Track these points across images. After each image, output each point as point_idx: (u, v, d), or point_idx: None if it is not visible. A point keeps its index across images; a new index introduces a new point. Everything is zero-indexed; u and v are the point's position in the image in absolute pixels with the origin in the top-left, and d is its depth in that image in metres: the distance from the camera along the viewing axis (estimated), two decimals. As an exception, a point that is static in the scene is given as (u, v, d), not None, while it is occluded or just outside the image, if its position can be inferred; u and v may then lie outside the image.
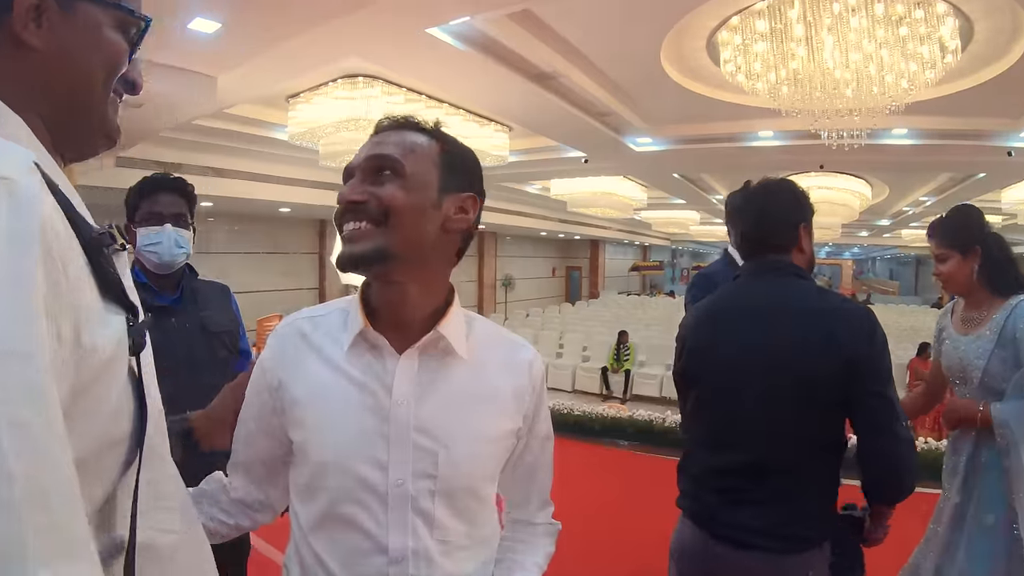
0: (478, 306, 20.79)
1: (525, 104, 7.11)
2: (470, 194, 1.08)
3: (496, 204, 16.15)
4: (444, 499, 1.03)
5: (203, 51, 5.51)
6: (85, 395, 0.57)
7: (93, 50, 0.72)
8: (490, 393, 1.09)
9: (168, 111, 6.92)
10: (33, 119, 0.67)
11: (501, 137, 9.31)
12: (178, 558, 0.74)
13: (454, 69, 6.16)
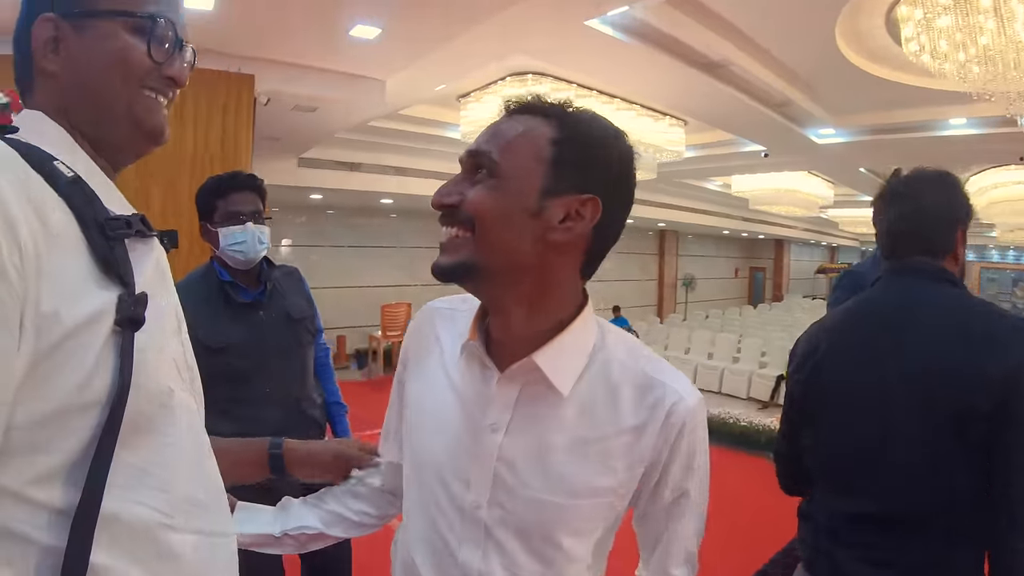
0: (658, 306, 20.55)
1: (695, 95, 6.97)
2: (590, 196, 0.88)
3: (676, 201, 15.90)
4: (517, 535, 0.94)
5: (368, 56, 5.98)
6: (47, 359, 0.64)
7: (105, 61, 0.79)
8: (591, 440, 0.93)
9: (341, 114, 7.55)
10: (73, 132, 0.79)
11: (677, 131, 9.21)
12: (178, 549, 0.75)
13: (618, 61, 6.16)
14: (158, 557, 0.73)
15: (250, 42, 5.72)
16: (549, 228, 0.87)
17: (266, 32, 5.46)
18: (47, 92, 0.79)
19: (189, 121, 5.86)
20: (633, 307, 18.48)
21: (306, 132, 8.29)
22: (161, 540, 0.73)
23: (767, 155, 9.57)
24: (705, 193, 15.49)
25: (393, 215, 14.61)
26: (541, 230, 0.87)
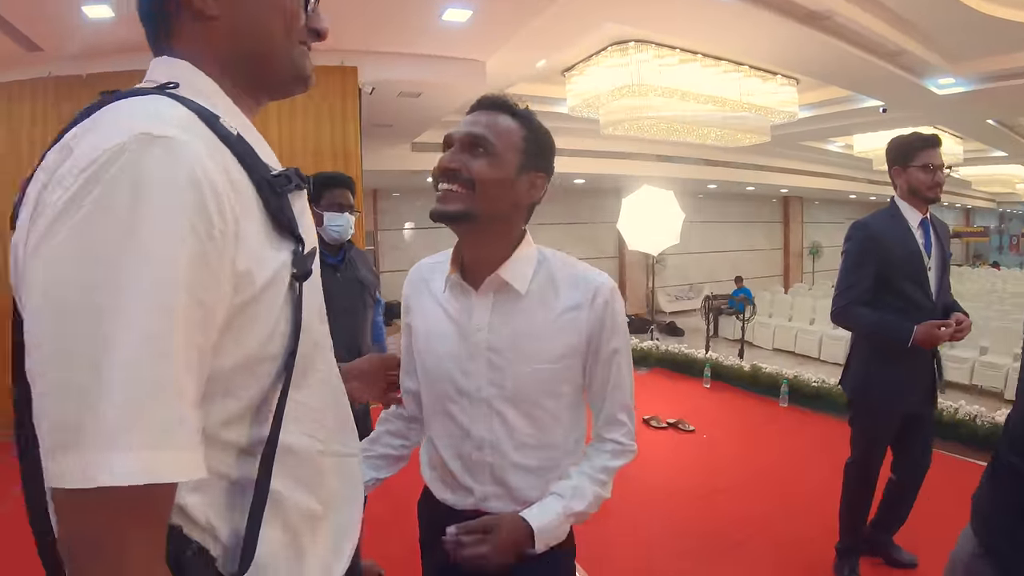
0: (784, 275, 19.85)
1: (801, 50, 6.72)
2: (542, 173, 1.32)
3: (796, 165, 15.29)
4: (512, 404, 1.32)
5: (463, 38, 6.16)
6: (241, 314, 0.69)
7: (267, 8, 0.82)
8: (548, 321, 1.31)
9: (445, 98, 7.75)
10: (222, 76, 0.81)
11: (788, 91, 8.91)
12: (318, 464, 0.86)
13: (715, 21, 6.06)
14: (314, 479, 0.85)
15: (350, 35, 6.04)
16: (518, 193, 1.29)
17: (363, 24, 5.75)
18: (202, 36, 0.80)
19: (299, 114, 6.27)
20: (758, 277, 17.96)
21: (415, 117, 8.61)
22: (317, 464, 0.85)
23: (885, 110, 9.09)
24: (827, 156, 14.76)
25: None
26: (514, 194, 1.28)
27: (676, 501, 3.94)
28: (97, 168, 0.60)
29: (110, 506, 0.58)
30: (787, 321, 11.84)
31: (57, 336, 0.58)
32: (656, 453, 4.82)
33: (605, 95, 8.00)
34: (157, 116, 0.66)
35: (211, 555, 0.71)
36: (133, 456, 0.57)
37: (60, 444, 0.57)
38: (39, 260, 0.61)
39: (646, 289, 15.98)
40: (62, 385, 0.57)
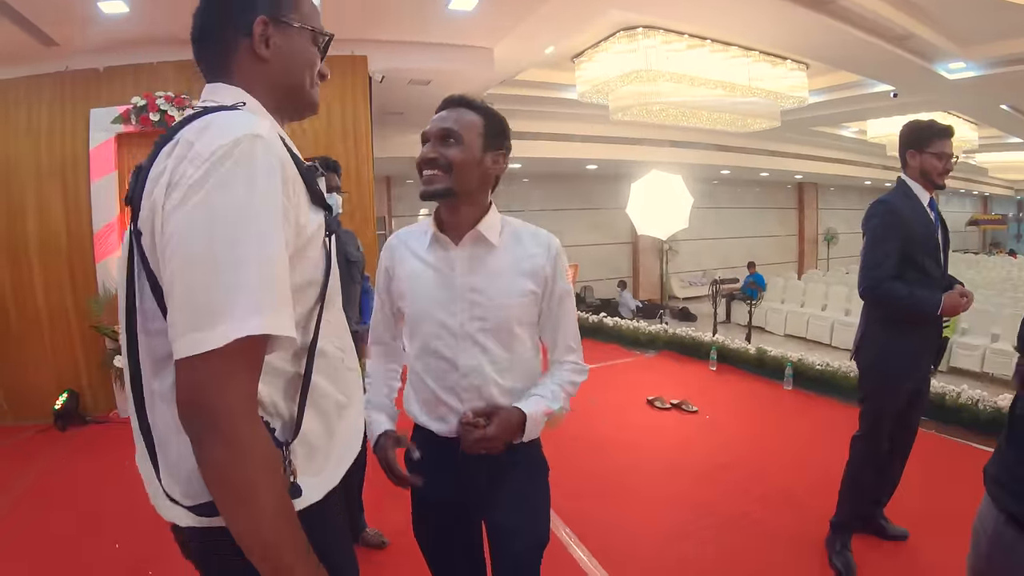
0: (798, 261, 19.77)
1: (806, 34, 6.72)
2: (502, 151, 1.66)
3: (810, 151, 15.22)
4: (491, 334, 1.63)
5: (471, 26, 6.25)
6: (301, 252, 1.05)
7: (300, 57, 1.18)
8: (515, 265, 1.65)
9: (455, 85, 7.72)
10: (267, 101, 1.14)
11: (798, 76, 8.89)
12: (341, 368, 1.20)
13: (719, 6, 6.12)
14: (339, 377, 1.19)
15: (358, 25, 6.14)
16: (485, 168, 1.62)
17: (371, 14, 5.85)
18: (255, 72, 1.14)
19: (311, 104, 6.36)
20: (772, 263, 17.91)
21: (426, 105, 8.59)
22: (339, 367, 1.19)
23: (896, 95, 9.02)
24: (841, 141, 14.67)
25: (525, 180, 15.01)
26: (482, 170, 1.62)
27: (678, 477, 4.03)
28: (222, 154, 0.92)
29: (230, 361, 0.89)
30: (799, 307, 11.83)
31: (209, 253, 0.89)
32: (659, 433, 4.94)
33: (614, 81, 8.02)
34: (255, 123, 0.98)
35: (271, 427, 1.02)
36: (261, 319, 0.89)
37: (202, 324, 0.87)
38: (180, 219, 0.91)
39: (659, 275, 16.03)
40: (211, 288, 0.88)
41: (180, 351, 0.89)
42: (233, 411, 0.89)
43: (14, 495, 4.29)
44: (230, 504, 0.91)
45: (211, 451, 0.89)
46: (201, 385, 0.88)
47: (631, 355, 8.01)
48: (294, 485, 1.02)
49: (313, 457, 1.10)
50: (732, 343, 7.05)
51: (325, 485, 1.13)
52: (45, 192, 6.06)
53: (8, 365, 6.17)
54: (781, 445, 4.56)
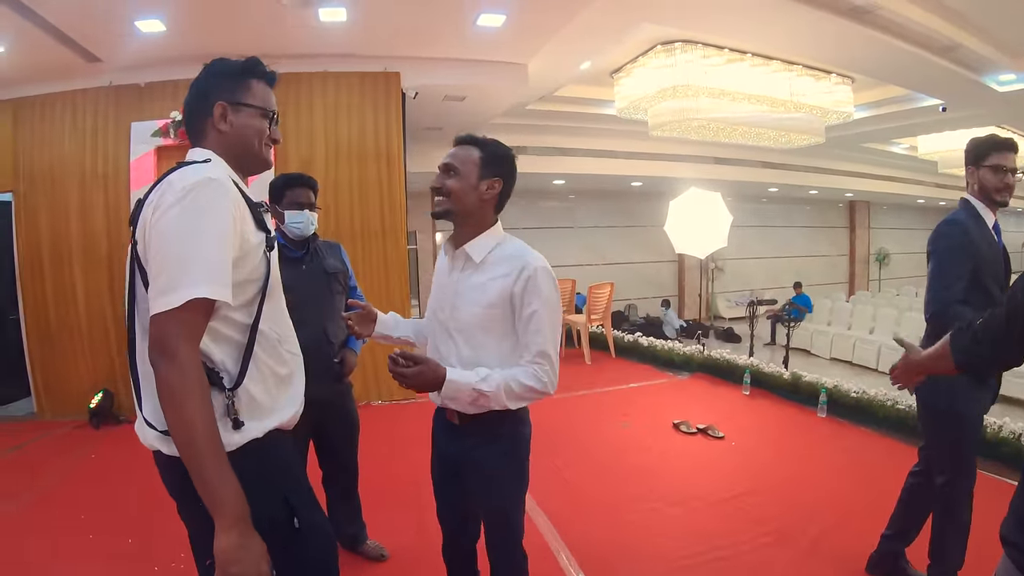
0: (849, 282, 19.22)
1: (847, 46, 6.53)
2: (497, 178, 1.97)
3: (860, 168, 14.81)
4: (460, 332, 1.99)
5: (501, 42, 6.23)
6: (244, 257, 1.45)
7: (250, 129, 1.59)
8: (486, 283, 1.95)
9: (490, 100, 7.87)
10: (228, 159, 1.56)
11: (843, 90, 8.64)
12: (278, 348, 1.58)
13: (755, 19, 5.98)
14: (277, 354, 1.58)
15: (390, 43, 6.21)
16: (481, 193, 1.96)
17: (402, 31, 5.90)
18: (218, 140, 1.57)
19: (344, 119, 6.49)
20: (821, 284, 17.47)
21: (463, 120, 8.71)
22: (278, 348, 1.58)
23: (945, 109, 8.67)
24: (892, 158, 14.22)
25: (571, 196, 14.96)
26: (479, 194, 1.96)
27: (692, 506, 3.90)
28: (189, 189, 1.36)
29: (183, 316, 1.30)
30: (846, 330, 11.44)
31: (174, 249, 1.33)
32: (680, 458, 4.78)
33: (652, 97, 7.90)
34: (213, 171, 1.43)
35: (220, 376, 1.43)
36: (206, 287, 1.31)
37: (168, 290, 1.30)
38: (160, 225, 1.35)
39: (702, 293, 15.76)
40: (175, 268, 1.31)
41: (153, 310, 1.32)
42: (180, 344, 1.29)
43: (43, 485, 4.55)
44: (170, 408, 1.29)
45: (162, 371, 1.29)
46: (162, 330, 1.30)
47: (664, 376, 7.86)
48: (236, 420, 1.42)
49: (254, 407, 1.48)
50: (767, 367, 6.85)
51: (264, 427, 1.49)
52: (88, 200, 6.32)
53: (48, 363, 6.46)
54: (805, 476, 4.38)
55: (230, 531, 1.28)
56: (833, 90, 8.55)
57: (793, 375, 6.41)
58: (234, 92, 1.58)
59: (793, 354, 7.82)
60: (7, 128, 6.31)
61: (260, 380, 1.51)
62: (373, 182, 6.60)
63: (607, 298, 9.42)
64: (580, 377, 7.93)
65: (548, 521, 3.71)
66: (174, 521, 1.56)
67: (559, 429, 5.59)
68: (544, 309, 1.91)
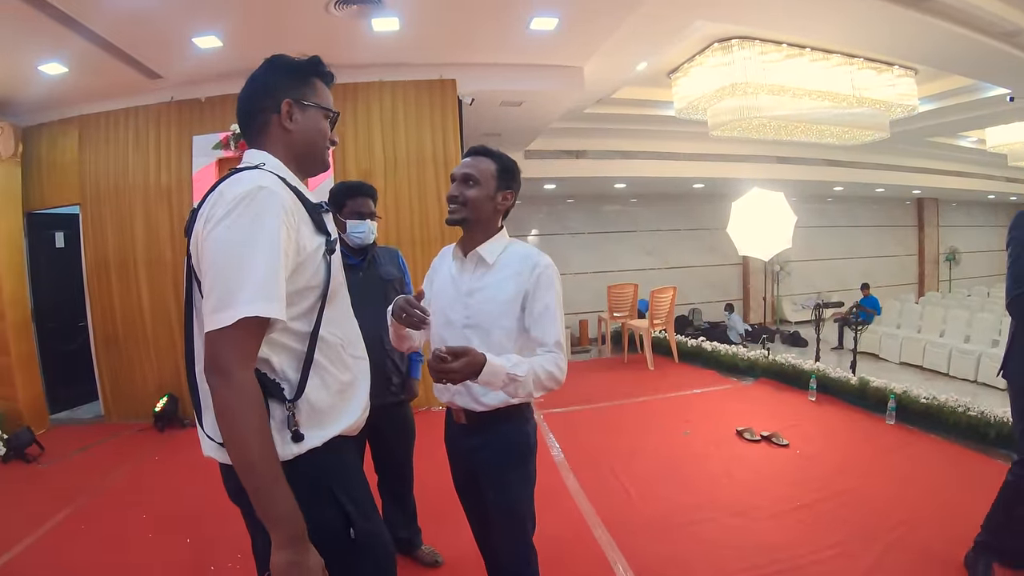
0: (919, 283, 18.49)
1: (907, 35, 6.20)
2: (511, 191, 2.13)
3: (927, 164, 14.20)
4: (473, 329, 2.06)
5: (555, 46, 6.17)
6: (302, 265, 1.44)
7: (314, 130, 1.60)
8: (502, 281, 2.06)
9: (548, 105, 7.77)
10: (288, 159, 1.56)
11: (906, 83, 8.28)
12: (342, 354, 1.57)
13: (813, 12, 5.77)
14: (340, 361, 1.56)
15: (444, 50, 6.22)
16: (497, 203, 2.11)
17: (457, 38, 5.90)
18: (282, 139, 1.56)
19: (401, 126, 6.53)
20: (890, 285, 16.86)
21: (522, 125, 8.70)
22: (340, 353, 1.57)
23: (1013, 99, 8.24)
24: (959, 152, 13.54)
25: (633, 200, 14.79)
26: (494, 205, 2.10)
27: (753, 516, 3.77)
28: (239, 200, 1.33)
29: (235, 335, 1.28)
30: (915, 333, 10.99)
31: (225, 265, 1.31)
32: (743, 466, 4.63)
33: (710, 96, 7.71)
34: (263, 179, 1.39)
35: (281, 387, 1.42)
36: (258, 305, 1.29)
37: (220, 308, 1.28)
38: (211, 239, 1.33)
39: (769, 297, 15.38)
40: (227, 285, 1.30)
41: (207, 327, 1.31)
42: (232, 363, 1.28)
43: (107, 486, 4.74)
44: (225, 427, 1.30)
45: (217, 390, 1.29)
46: (216, 349, 1.29)
47: (728, 382, 7.64)
48: (296, 432, 1.41)
49: (315, 415, 1.46)
50: (833, 372, 6.59)
51: (324, 436, 1.48)
52: (152, 212, 6.51)
53: (114, 368, 6.70)
54: (871, 486, 4.17)
55: (285, 548, 1.30)
56: (896, 82, 8.20)
57: (861, 380, 6.15)
58: (301, 90, 1.57)
59: (861, 358, 7.55)
60: (73, 144, 6.58)
61: (323, 388, 1.49)
62: (432, 189, 6.61)
63: (670, 302, 9.25)
64: (643, 383, 7.81)
65: (606, 531, 3.64)
66: (231, 523, 1.67)
67: (620, 435, 5.52)
68: (554, 303, 2.04)
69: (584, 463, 4.82)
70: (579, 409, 6.52)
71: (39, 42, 5.09)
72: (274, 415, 1.39)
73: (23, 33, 4.86)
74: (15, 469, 5.28)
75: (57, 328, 7.02)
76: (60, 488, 4.68)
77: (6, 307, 6.26)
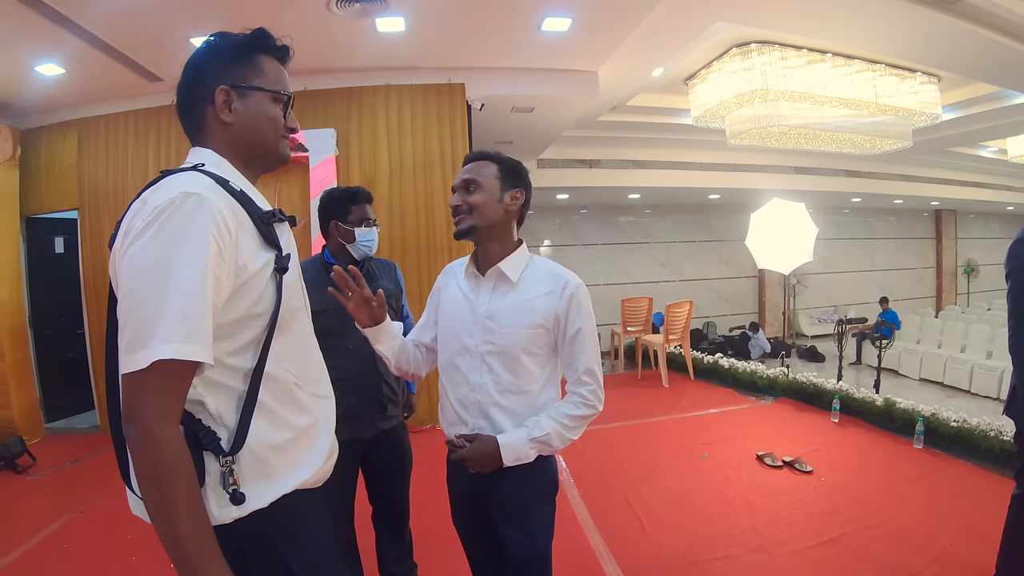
0: (936, 296, 18.14)
1: (930, 38, 5.92)
2: (520, 189, 1.92)
3: (946, 175, 13.90)
4: (497, 357, 1.85)
5: (568, 48, 5.93)
6: (242, 289, 1.19)
7: (260, 117, 1.34)
8: (529, 301, 1.86)
9: (560, 111, 7.50)
10: (232, 157, 1.32)
11: (929, 90, 8.00)
12: (294, 392, 1.32)
13: (836, 15, 5.51)
14: (291, 402, 1.31)
15: (452, 53, 6.00)
16: (507, 205, 1.89)
17: (466, 40, 5.68)
18: (222, 134, 1.31)
19: (408, 131, 6.32)
20: (909, 299, 16.54)
21: (534, 133, 8.48)
22: (295, 392, 1.32)
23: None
24: (979, 162, 13.16)
25: (647, 211, 14.49)
26: (503, 208, 1.89)
27: (774, 552, 3.51)
28: (160, 210, 1.10)
29: (151, 380, 1.06)
30: (936, 348, 10.64)
31: (140, 294, 1.08)
32: (764, 495, 4.36)
33: (728, 103, 7.46)
34: (195, 183, 1.16)
35: (217, 436, 1.18)
36: (174, 346, 1.05)
37: (134, 347, 1.06)
38: (127, 259, 1.11)
39: (784, 310, 15.09)
40: (141, 318, 1.07)
41: (121, 368, 1.10)
42: (149, 416, 1.06)
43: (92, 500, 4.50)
44: (144, 489, 1.08)
45: (133, 445, 1.08)
46: (131, 397, 1.08)
47: (747, 401, 7.36)
48: (236, 492, 1.17)
49: (261, 468, 1.23)
50: (857, 392, 6.30)
51: (272, 494, 1.23)
52: (155, 218, 6.28)
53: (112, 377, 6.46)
54: (901, 517, 3.90)
55: None
56: (919, 89, 7.92)
57: (887, 401, 5.87)
58: (239, 72, 1.31)
59: (881, 374, 7.26)
60: (72, 148, 6.43)
61: (269, 434, 1.25)
62: (439, 197, 6.38)
63: (686, 317, 8.98)
64: (657, 401, 7.54)
65: (617, 567, 3.40)
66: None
67: (633, 458, 5.27)
68: (587, 327, 1.87)
69: (595, 489, 4.58)
70: (591, 429, 6.22)
71: (34, 42, 4.92)
72: (209, 470, 1.17)
73: (17, 32, 4.69)
74: (4, 480, 5.17)
75: (55, 335, 6.88)
76: (46, 503, 4.54)
77: (1, 313, 6.13)
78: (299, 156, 6.03)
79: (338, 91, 6.27)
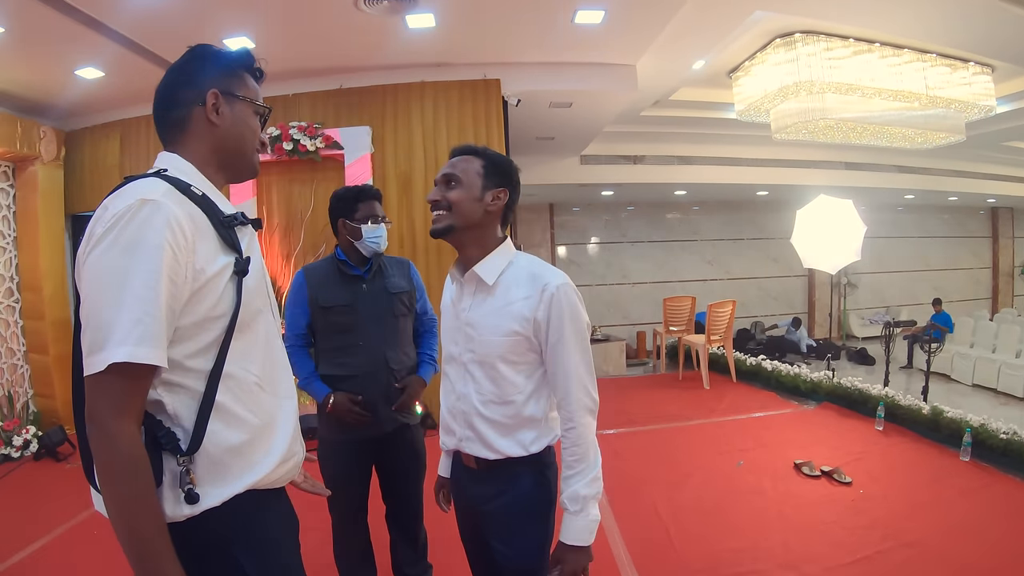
0: (992, 298, 17.41)
1: (986, 25, 5.63)
2: (502, 188, 1.79)
3: (1003, 171, 13.27)
4: (478, 366, 1.78)
5: (603, 41, 5.81)
6: (200, 292, 1.22)
7: (244, 125, 1.41)
8: (505, 307, 1.74)
9: (599, 106, 7.37)
10: (210, 161, 1.37)
11: (982, 81, 7.57)
12: (255, 392, 1.33)
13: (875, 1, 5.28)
14: (251, 400, 1.32)
15: (486, 48, 5.94)
16: (487, 204, 1.76)
17: (500, 36, 5.62)
18: (207, 135, 1.37)
19: (443, 127, 6.28)
20: (962, 300, 15.94)
21: (575, 128, 8.37)
22: (255, 393, 1.33)
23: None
24: None
25: (695, 208, 14.29)
26: (483, 207, 1.76)
27: (803, 570, 3.35)
28: (119, 216, 1.14)
29: (108, 382, 1.11)
30: (990, 352, 10.21)
31: (98, 298, 1.13)
32: (798, 507, 4.19)
33: (772, 96, 7.20)
34: (152, 189, 1.19)
35: (176, 437, 1.21)
36: (127, 349, 1.10)
37: (92, 350, 1.11)
38: (87, 265, 1.16)
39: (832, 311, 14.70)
40: (98, 322, 1.12)
41: (84, 370, 1.13)
42: (107, 417, 1.11)
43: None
44: (102, 485, 1.12)
45: (93, 444, 1.13)
46: (91, 397, 1.13)
47: (789, 406, 7.12)
48: (191, 492, 1.20)
49: (216, 469, 1.25)
50: (903, 399, 6.04)
51: (225, 493, 1.25)
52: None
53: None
54: (941, 536, 3.70)
55: None
56: (971, 80, 7.50)
57: (934, 410, 5.60)
58: (229, 82, 1.39)
59: (931, 379, 6.98)
60: (115, 148, 6.58)
61: (226, 435, 1.27)
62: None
63: (729, 317, 8.75)
64: (697, 404, 7.36)
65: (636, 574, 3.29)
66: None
67: (666, 462, 5.16)
68: (571, 334, 1.72)
69: (623, 494, 4.47)
70: (626, 431, 6.19)
71: (72, 47, 5.03)
72: (167, 469, 1.21)
73: (54, 38, 4.79)
74: (45, 467, 5.49)
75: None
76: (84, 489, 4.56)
77: (46, 307, 6.34)
78: (334, 154, 6.07)
79: (372, 89, 6.26)
